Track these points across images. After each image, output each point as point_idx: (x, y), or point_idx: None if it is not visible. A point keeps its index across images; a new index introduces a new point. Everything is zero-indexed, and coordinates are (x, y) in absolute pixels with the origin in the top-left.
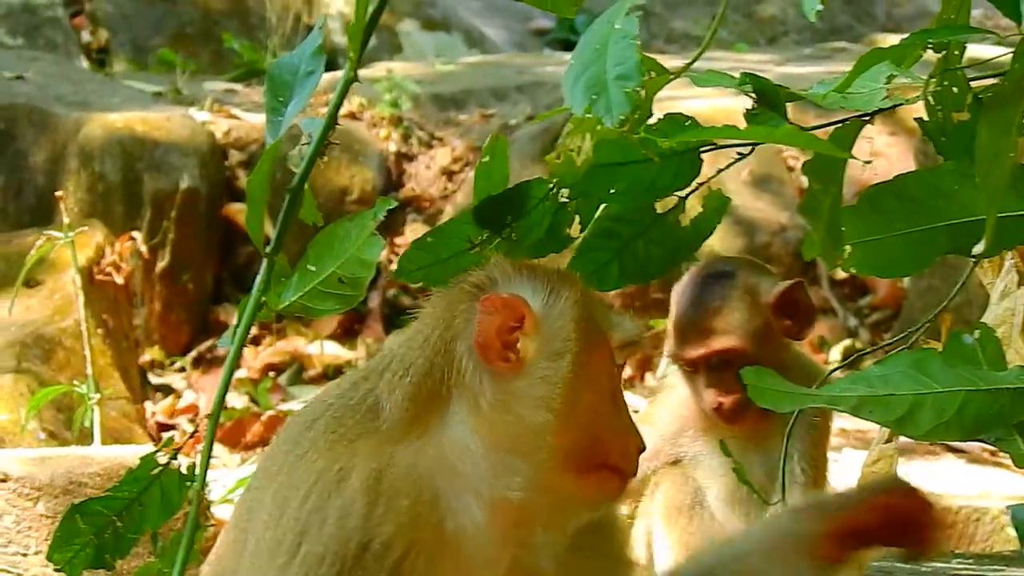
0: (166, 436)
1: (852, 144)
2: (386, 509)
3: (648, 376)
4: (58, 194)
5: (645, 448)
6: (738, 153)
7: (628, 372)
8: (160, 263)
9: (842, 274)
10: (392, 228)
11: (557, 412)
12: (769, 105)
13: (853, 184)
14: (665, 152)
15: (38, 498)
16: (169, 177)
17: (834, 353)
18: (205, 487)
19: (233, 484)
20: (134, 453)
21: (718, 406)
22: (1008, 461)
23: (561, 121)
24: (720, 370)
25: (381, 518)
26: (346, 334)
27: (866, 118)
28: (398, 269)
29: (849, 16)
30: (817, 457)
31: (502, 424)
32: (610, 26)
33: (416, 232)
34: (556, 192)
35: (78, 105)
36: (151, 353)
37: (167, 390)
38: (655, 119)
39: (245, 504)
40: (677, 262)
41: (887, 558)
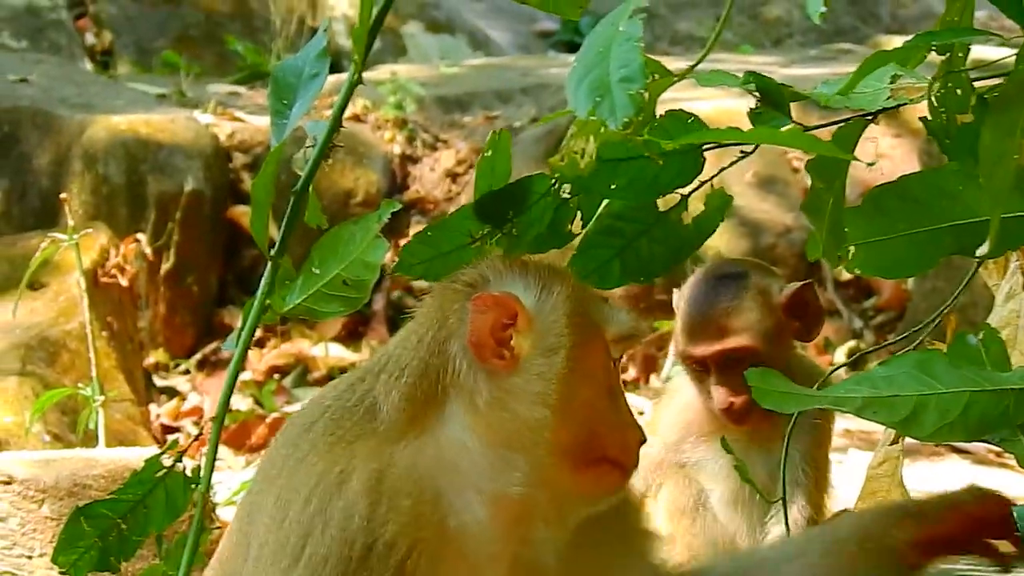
0: (171, 438)
1: (855, 143)
2: (388, 509)
3: (652, 378)
4: (62, 196)
5: (645, 440)
6: (741, 152)
7: (632, 373)
8: (164, 265)
9: (847, 276)
10: (396, 230)
11: (553, 408)
12: (773, 104)
13: (858, 185)
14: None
15: (43, 500)
16: (173, 179)
17: (839, 355)
18: (210, 489)
19: (238, 486)
20: (139, 455)
21: (729, 406)
22: (1013, 462)
23: (565, 123)
24: (731, 369)
25: (384, 518)
26: (350, 336)
27: (869, 118)
28: (399, 263)
29: (854, 17)
30: (819, 458)
31: (499, 422)
32: (614, 28)
33: None
34: (558, 188)
35: (82, 107)
36: (156, 355)
37: (172, 392)
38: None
39: (246, 508)
40: (679, 260)
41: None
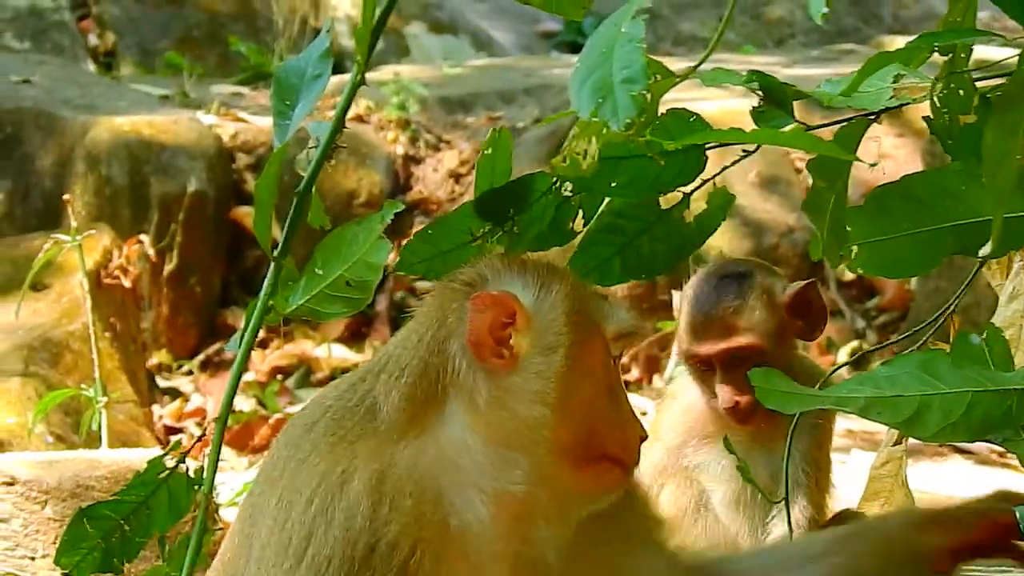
0: (174, 439)
1: (858, 143)
2: (391, 509)
3: (655, 378)
4: (65, 198)
5: (646, 437)
6: (743, 151)
7: (635, 374)
8: (168, 266)
9: (850, 276)
10: (399, 231)
11: (553, 406)
12: (776, 103)
13: (860, 185)
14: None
15: (45, 501)
16: (176, 180)
17: (841, 355)
18: (213, 490)
19: (241, 487)
20: (142, 456)
21: (734, 405)
22: (1016, 463)
23: (568, 124)
24: (736, 368)
25: (386, 518)
26: (353, 337)
27: (872, 117)
28: (400, 261)
29: (856, 18)
30: (820, 458)
31: (499, 420)
32: (616, 29)
33: None
34: (559, 186)
35: (85, 108)
36: (159, 356)
37: (175, 393)
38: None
39: (248, 509)
40: (681, 259)
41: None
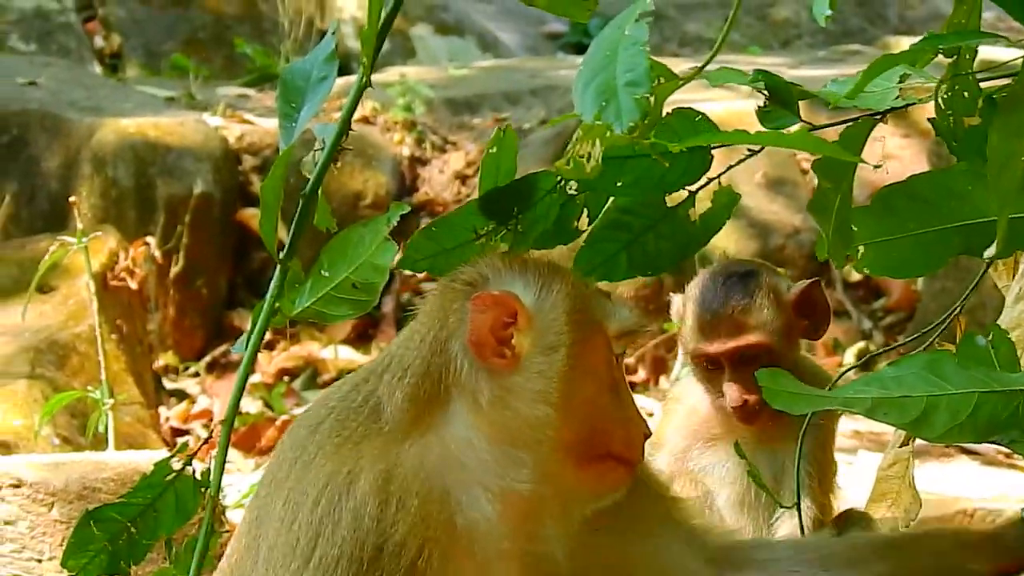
0: (180, 441)
1: (863, 143)
2: (397, 509)
3: (662, 379)
4: (71, 200)
5: (650, 435)
6: (748, 150)
7: (642, 375)
8: (174, 268)
9: (856, 276)
10: (405, 233)
11: (555, 405)
12: (781, 103)
13: (866, 185)
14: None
15: (52, 503)
16: (182, 182)
17: (848, 355)
18: (220, 492)
19: (248, 489)
20: (148, 458)
21: (743, 404)
22: (1023, 464)
23: (574, 125)
24: (745, 367)
25: (393, 518)
26: (360, 338)
27: (877, 117)
28: (403, 258)
29: (862, 19)
30: (823, 459)
31: (502, 420)
32: (620, 32)
33: None
34: (564, 185)
35: (91, 110)
36: (165, 358)
37: (181, 395)
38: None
39: (255, 511)
40: (686, 256)
41: None
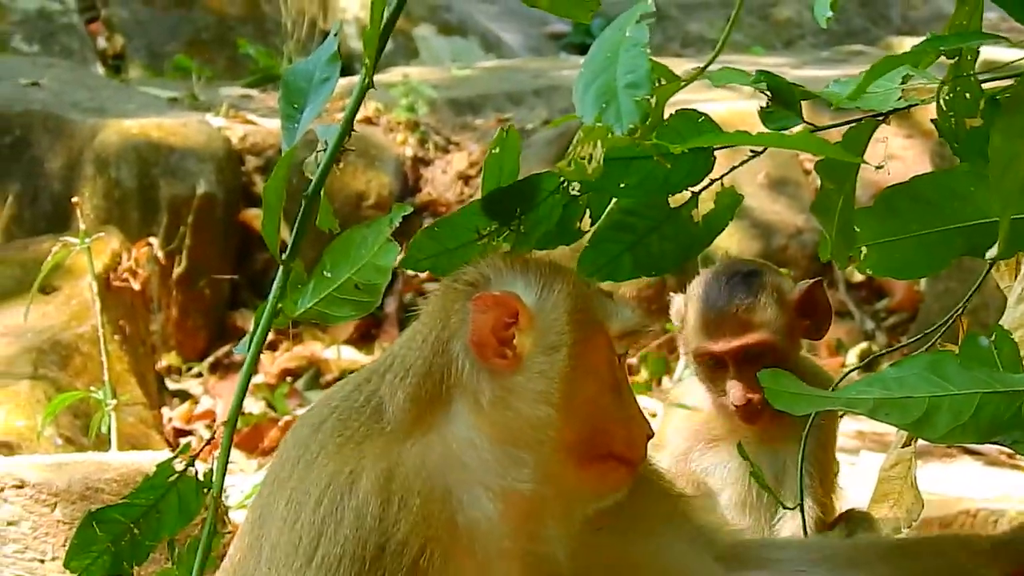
0: (183, 442)
1: (866, 144)
2: (399, 508)
3: (665, 380)
4: (74, 200)
5: (652, 435)
6: (751, 151)
7: (644, 375)
8: (177, 269)
9: (859, 277)
10: (408, 233)
11: (557, 405)
12: (784, 103)
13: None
14: None
15: (55, 504)
16: (185, 183)
17: (851, 356)
18: (222, 493)
19: (250, 490)
20: (151, 459)
21: (747, 402)
22: None
23: (577, 126)
24: (749, 365)
25: (395, 518)
26: (363, 339)
27: (880, 118)
28: (405, 257)
29: (865, 19)
30: (824, 459)
31: (504, 420)
32: (621, 33)
33: None
34: (567, 185)
35: (94, 111)
36: (168, 359)
37: (184, 396)
38: (668, 116)
39: (257, 510)
40: (689, 257)
41: None
